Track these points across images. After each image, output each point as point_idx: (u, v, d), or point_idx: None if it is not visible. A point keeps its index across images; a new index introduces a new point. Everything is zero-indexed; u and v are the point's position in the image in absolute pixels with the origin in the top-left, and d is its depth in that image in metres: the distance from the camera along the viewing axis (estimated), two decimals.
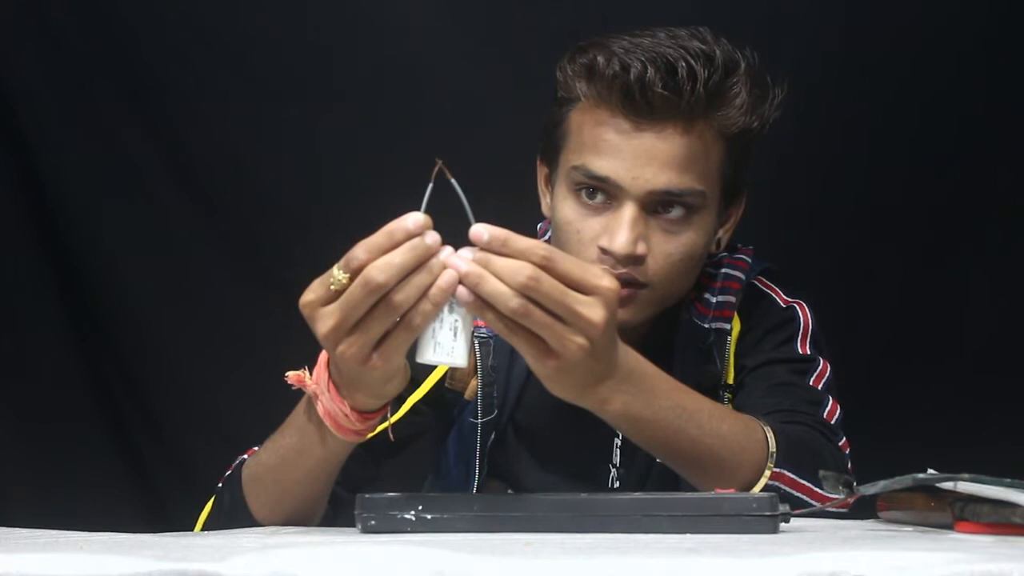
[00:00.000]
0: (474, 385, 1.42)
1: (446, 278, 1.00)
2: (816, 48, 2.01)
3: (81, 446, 2.04)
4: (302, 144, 2.06)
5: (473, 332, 1.07)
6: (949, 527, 1.03)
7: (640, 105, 1.28)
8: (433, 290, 0.99)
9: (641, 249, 1.31)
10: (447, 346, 1.03)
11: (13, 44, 2.01)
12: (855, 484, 1.08)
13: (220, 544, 0.94)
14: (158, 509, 2.05)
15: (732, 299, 1.43)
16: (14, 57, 2.02)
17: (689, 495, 1.15)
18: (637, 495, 1.08)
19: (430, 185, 1.04)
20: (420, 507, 1.04)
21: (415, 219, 1.01)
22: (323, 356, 1.13)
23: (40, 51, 2.02)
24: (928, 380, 2.04)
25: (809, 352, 1.42)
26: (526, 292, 1.00)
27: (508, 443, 1.45)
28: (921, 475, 1.05)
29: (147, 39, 2.05)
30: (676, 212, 1.32)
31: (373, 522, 1.04)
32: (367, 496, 1.06)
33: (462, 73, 2.01)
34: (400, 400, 1.39)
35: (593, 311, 1.02)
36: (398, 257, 0.99)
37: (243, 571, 0.80)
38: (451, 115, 2.01)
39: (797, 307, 1.45)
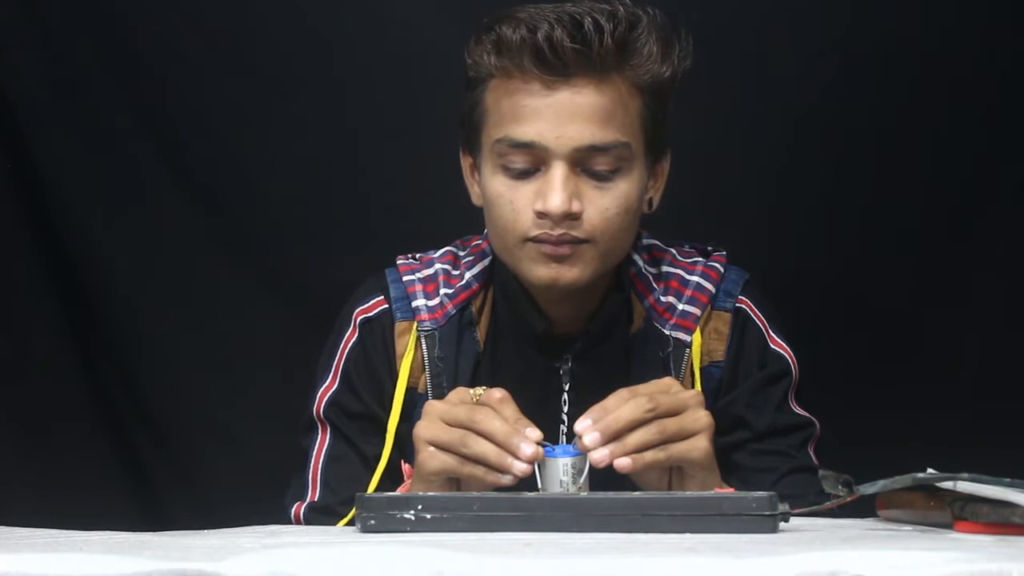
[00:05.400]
0: (424, 378, 1.46)
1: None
2: (817, 49, 2.01)
3: (80, 446, 2.03)
4: (302, 143, 2.06)
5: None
6: (948, 527, 1.03)
7: (552, 63, 1.31)
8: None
9: (576, 207, 1.33)
10: None
11: (12, 44, 2.01)
12: (854, 483, 1.08)
13: (220, 544, 0.94)
14: (158, 509, 2.04)
15: (697, 312, 1.46)
16: (13, 57, 2.01)
17: (688, 494, 1.16)
18: (637, 495, 1.09)
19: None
20: (420, 507, 1.04)
21: (532, 452, 1.19)
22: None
23: (39, 51, 2.01)
24: (928, 379, 2.03)
25: (802, 411, 1.47)
26: (654, 418, 1.21)
27: None
28: (921, 475, 1.05)
29: (147, 39, 2.05)
30: (604, 166, 1.34)
31: (373, 522, 1.04)
32: (366, 496, 1.06)
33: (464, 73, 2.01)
34: (384, 426, 1.44)
35: (700, 414, 1.23)
36: (505, 428, 1.20)
37: (243, 571, 0.81)
38: (453, 115, 2.01)
39: (787, 357, 1.48)
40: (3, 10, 1.99)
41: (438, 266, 1.50)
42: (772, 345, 1.49)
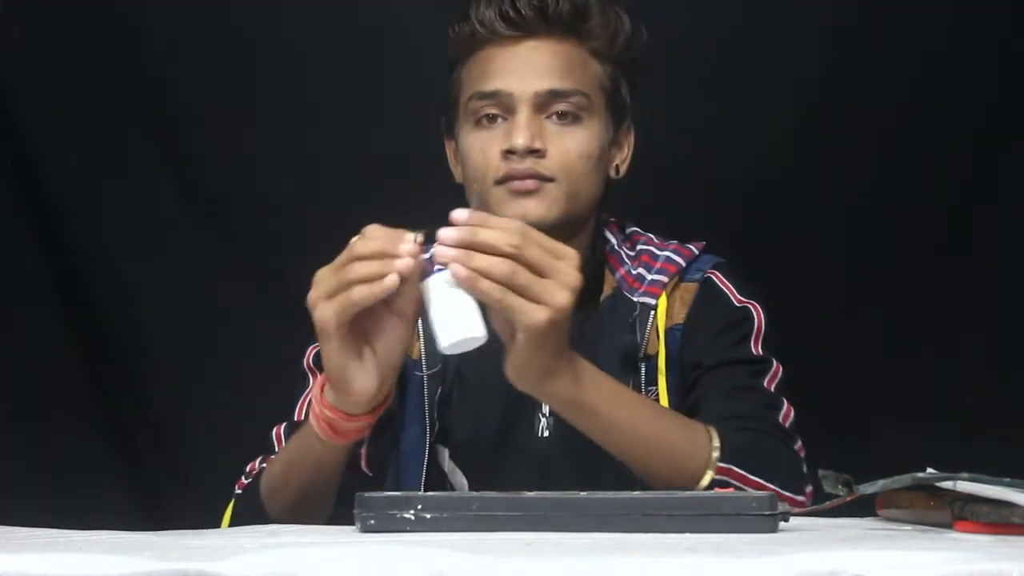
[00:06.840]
0: (419, 346, 1.50)
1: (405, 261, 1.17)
2: (818, 48, 2.01)
3: (81, 446, 2.03)
4: (301, 144, 2.06)
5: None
6: (948, 526, 1.03)
7: (515, 20, 1.46)
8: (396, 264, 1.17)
9: (539, 144, 1.44)
10: (468, 321, 1.16)
11: (12, 43, 2.01)
12: (854, 483, 1.08)
13: (220, 544, 0.94)
14: (158, 509, 2.04)
15: (664, 279, 1.50)
16: (13, 57, 2.01)
17: (688, 494, 1.16)
18: (637, 494, 1.09)
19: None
20: (419, 506, 1.04)
21: (410, 246, 1.17)
22: (321, 377, 1.28)
23: (39, 50, 2.02)
24: (928, 378, 2.03)
25: (762, 353, 1.49)
26: (513, 257, 1.16)
27: (453, 399, 1.52)
28: (920, 474, 1.05)
29: (147, 39, 2.05)
30: (565, 109, 1.46)
31: (372, 521, 1.04)
32: (366, 495, 1.06)
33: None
34: None
35: (569, 269, 1.18)
36: (378, 241, 1.18)
37: (243, 571, 0.81)
38: None
39: (751, 308, 1.51)
40: (3, 10, 1.99)
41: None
42: (737, 304, 1.51)
